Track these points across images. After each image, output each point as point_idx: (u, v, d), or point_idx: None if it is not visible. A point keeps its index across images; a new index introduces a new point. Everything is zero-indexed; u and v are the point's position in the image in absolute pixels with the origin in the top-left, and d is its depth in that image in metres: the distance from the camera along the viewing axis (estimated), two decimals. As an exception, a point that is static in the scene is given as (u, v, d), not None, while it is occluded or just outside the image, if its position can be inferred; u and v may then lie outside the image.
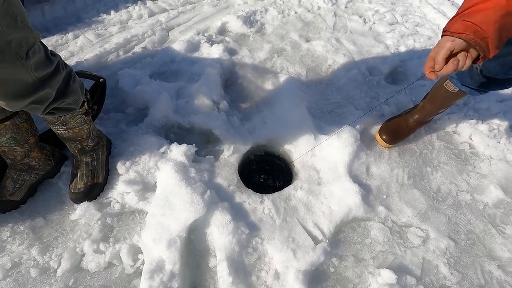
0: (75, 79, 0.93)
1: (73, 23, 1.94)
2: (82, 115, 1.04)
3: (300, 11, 2.28)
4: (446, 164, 1.44)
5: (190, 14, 2.15)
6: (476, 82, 1.09)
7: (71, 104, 0.93)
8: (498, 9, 0.69)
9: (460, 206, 1.30)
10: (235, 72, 1.73)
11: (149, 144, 1.27)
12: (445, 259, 1.14)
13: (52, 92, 0.82)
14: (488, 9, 0.71)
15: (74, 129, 1.05)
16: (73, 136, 1.07)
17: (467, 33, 0.72)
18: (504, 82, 1.05)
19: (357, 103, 1.65)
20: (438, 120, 1.58)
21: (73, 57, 1.70)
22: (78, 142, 1.10)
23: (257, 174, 1.41)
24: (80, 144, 1.11)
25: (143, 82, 1.51)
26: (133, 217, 1.14)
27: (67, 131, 1.04)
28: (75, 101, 0.93)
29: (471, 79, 1.09)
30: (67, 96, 0.89)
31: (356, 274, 1.09)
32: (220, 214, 1.09)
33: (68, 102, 0.91)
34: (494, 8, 0.70)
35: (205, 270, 1.05)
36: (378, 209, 1.24)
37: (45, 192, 1.16)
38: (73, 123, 1.02)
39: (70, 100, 0.91)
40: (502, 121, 1.59)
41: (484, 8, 0.71)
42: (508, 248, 1.19)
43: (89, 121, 1.10)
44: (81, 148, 1.13)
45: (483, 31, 0.71)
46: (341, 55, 1.90)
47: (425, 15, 2.42)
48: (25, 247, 1.03)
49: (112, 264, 1.03)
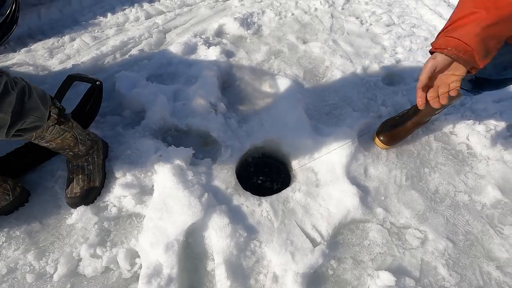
0: (31, 94, 0.82)
1: (69, 25, 1.94)
2: (55, 126, 0.96)
3: (297, 12, 2.28)
4: (444, 165, 1.44)
5: (187, 16, 2.15)
6: (470, 83, 1.09)
7: (34, 122, 0.84)
8: (479, 22, 0.71)
9: (458, 207, 1.30)
10: (232, 74, 1.73)
11: (146, 147, 1.27)
12: (443, 260, 1.14)
13: (6, 116, 0.73)
14: (469, 23, 0.72)
15: (55, 141, 0.99)
16: (59, 147, 1.02)
17: (448, 48, 0.75)
18: (498, 82, 1.06)
19: (355, 104, 1.65)
20: (436, 121, 1.59)
21: (70, 60, 1.70)
22: (67, 150, 1.06)
23: (255, 177, 1.40)
24: (71, 151, 1.08)
25: (140, 85, 1.50)
26: (130, 221, 1.13)
27: (48, 143, 0.98)
28: (38, 118, 0.84)
29: (464, 81, 1.10)
30: (26, 116, 0.79)
31: (354, 276, 1.08)
32: (218, 217, 1.08)
33: (31, 121, 0.82)
34: (475, 21, 0.71)
35: (203, 274, 1.05)
36: (376, 210, 1.23)
37: (41, 196, 1.15)
38: (49, 136, 0.95)
39: (32, 119, 0.82)
40: (499, 122, 1.59)
41: (465, 23, 0.73)
42: (506, 248, 1.19)
43: (70, 127, 1.03)
44: (74, 155, 1.10)
45: (466, 45, 0.73)
46: (338, 57, 1.90)
47: (422, 16, 2.43)
48: (21, 252, 1.02)
49: (109, 269, 1.02)
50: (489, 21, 0.71)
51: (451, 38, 0.75)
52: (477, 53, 0.73)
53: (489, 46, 0.74)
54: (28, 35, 1.83)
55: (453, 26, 0.76)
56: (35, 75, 1.57)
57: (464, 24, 0.73)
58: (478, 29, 0.71)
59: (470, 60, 0.74)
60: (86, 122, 1.31)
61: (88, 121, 1.31)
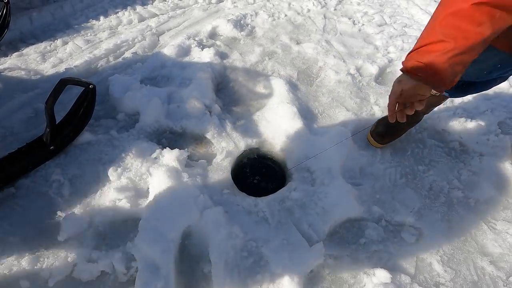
0: None
1: (61, 29, 1.93)
2: None
3: (290, 14, 2.30)
4: (437, 162, 1.46)
5: (180, 19, 2.15)
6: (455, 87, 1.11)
7: None
8: (447, 51, 0.74)
9: (452, 203, 1.32)
10: (226, 76, 1.73)
11: (140, 150, 1.26)
12: (438, 256, 1.15)
13: None
14: (438, 51, 0.75)
15: None
16: None
17: (419, 74, 0.79)
18: (484, 84, 1.09)
19: (348, 104, 1.66)
20: (428, 119, 1.60)
21: (62, 64, 1.69)
22: None
23: (250, 177, 1.40)
24: None
25: (133, 88, 1.50)
26: (126, 224, 1.13)
27: None
28: None
29: None
30: None
31: (351, 275, 1.09)
32: (214, 219, 1.08)
33: None
34: (444, 51, 0.74)
35: (200, 276, 1.04)
36: (371, 209, 1.24)
37: (35, 201, 1.14)
38: None
39: None
40: (490, 119, 1.62)
41: (434, 50, 0.76)
42: (499, 243, 1.21)
43: None
44: None
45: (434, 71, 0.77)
46: (331, 57, 1.92)
47: (413, 16, 2.46)
48: (15, 258, 1.01)
49: (105, 273, 1.01)
50: (457, 50, 0.74)
51: (421, 63, 0.78)
52: (444, 79, 0.77)
53: (456, 70, 0.77)
54: (19, 39, 1.82)
55: (423, 50, 0.79)
56: (27, 79, 1.55)
57: (432, 50, 0.77)
58: (446, 58, 0.74)
59: (438, 84, 0.79)
60: (80, 126, 1.30)
61: (81, 125, 1.31)
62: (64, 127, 1.25)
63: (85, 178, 1.21)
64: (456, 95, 1.17)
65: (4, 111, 1.39)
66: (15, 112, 1.40)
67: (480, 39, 0.71)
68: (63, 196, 1.15)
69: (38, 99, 1.46)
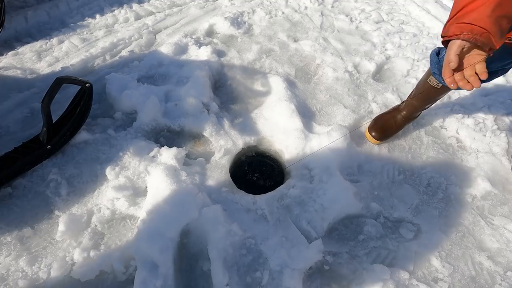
0: None
1: (57, 28, 1.91)
2: None
3: (287, 11, 2.29)
4: (435, 159, 1.46)
5: (177, 17, 2.13)
6: None
7: None
8: (488, 4, 0.72)
9: (450, 199, 1.33)
10: (224, 74, 1.73)
11: (138, 149, 1.26)
12: (436, 252, 1.16)
13: None
14: (479, 7, 0.73)
15: None
16: None
17: (464, 33, 0.75)
18: None
19: (346, 101, 1.66)
20: (426, 116, 1.61)
21: (59, 63, 1.67)
22: None
23: (249, 175, 1.40)
24: None
25: (131, 86, 1.49)
26: (124, 223, 1.12)
27: None
28: None
29: None
30: None
31: (350, 271, 1.09)
32: (212, 217, 1.08)
33: None
34: (483, 5, 0.72)
35: (199, 274, 1.04)
36: (370, 205, 1.25)
37: (32, 201, 1.13)
38: None
39: None
40: (487, 115, 1.63)
41: (474, 7, 0.74)
42: (497, 238, 1.22)
43: None
44: None
45: (480, 28, 0.73)
46: (329, 54, 1.91)
47: (410, 13, 2.46)
48: (13, 258, 1.00)
49: (103, 272, 1.01)
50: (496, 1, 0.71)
51: (464, 24, 0.75)
52: (493, 34, 0.73)
53: (502, 25, 0.74)
54: (15, 38, 1.80)
55: (462, 12, 0.76)
56: (23, 78, 1.54)
57: (473, 9, 0.74)
58: (489, 11, 0.72)
59: (488, 41, 0.74)
60: (77, 125, 1.29)
61: (78, 124, 1.30)
62: (61, 126, 1.24)
63: (83, 178, 1.20)
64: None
65: (0, 110, 1.38)
66: (11, 111, 1.39)
67: None
68: (61, 196, 1.14)
69: (34, 98, 1.44)
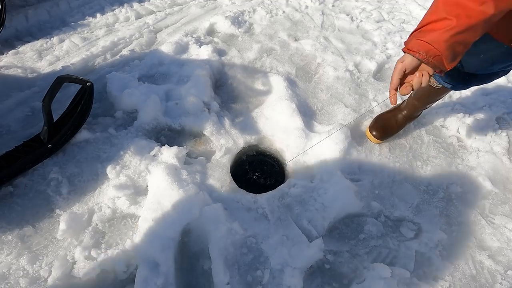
0: None
1: (58, 27, 1.91)
2: None
3: (288, 10, 2.29)
4: (436, 158, 1.46)
5: (177, 16, 2.13)
6: (458, 79, 1.11)
7: None
8: (449, 29, 0.74)
9: (451, 198, 1.33)
10: (224, 73, 1.73)
11: (139, 148, 1.26)
12: (437, 251, 1.16)
13: None
14: (440, 29, 0.75)
15: None
16: None
17: (420, 52, 0.78)
18: (486, 77, 1.08)
19: (346, 100, 1.66)
20: (426, 115, 1.61)
21: (59, 62, 1.67)
22: None
23: (249, 174, 1.40)
24: None
25: (131, 85, 1.49)
26: (125, 222, 1.12)
27: None
28: None
29: (452, 76, 1.12)
30: None
31: (351, 270, 1.09)
32: (213, 216, 1.08)
33: None
34: (446, 28, 0.74)
35: (200, 273, 1.04)
36: (371, 204, 1.25)
37: (33, 200, 1.14)
38: None
39: None
40: (488, 114, 1.62)
41: (436, 28, 0.76)
42: (498, 237, 1.22)
43: None
44: None
45: (436, 50, 0.76)
46: (330, 53, 1.91)
47: (411, 12, 2.46)
48: (14, 257, 1.00)
49: (104, 271, 1.01)
50: (458, 28, 0.73)
51: (423, 42, 0.77)
52: (445, 58, 0.77)
53: (457, 51, 0.77)
54: (15, 37, 1.80)
55: (425, 29, 0.79)
56: (24, 77, 1.54)
57: (435, 29, 0.76)
58: (448, 35, 0.74)
59: (439, 64, 0.78)
60: (77, 124, 1.29)
61: (79, 123, 1.30)
62: (61, 125, 1.24)
63: (84, 176, 1.20)
64: (458, 87, 1.17)
65: (1, 109, 1.38)
66: (11, 110, 1.39)
67: (483, 18, 0.71)
68: (62, 194, 1.15)
69: (35, 97, 1.45)
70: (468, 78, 1.09)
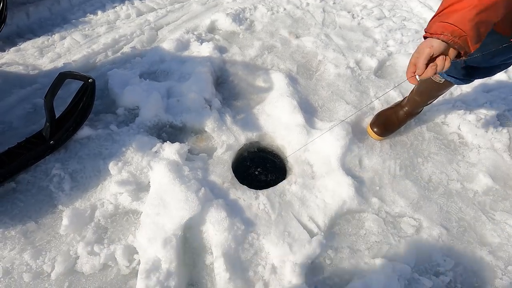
0: None
1: (59, 24, 1.91)
2: None
3: (289, 7, 2.29)
4: (437, 155, 1.46)
5: (178, 13, 2.13)
6: (461, 72, 1.11)
7: None
8: (472, 8, 0.74)
9: (451, 194, 1.33)
10: (226, 70, 1.73)
11: (141, 144, 1.26)
12: (438, 247, 1.16)
13: None
14: (463, 9, 0.75)
15: None
16: None
17: (445, 33, 0.77)
18: (487, 70, 1.08)
19: (347, 97, 1.66)
20: (428, 112, 1.61)
21: (60, 59, 1.67)
22: None
23: (251, 170, 1.41)
24: None
25: (133, 82, 1.49)
26: (127, 217, 1.13)
27: None
28: None
29: (456, 69, 1.12)
30: None
31: (351, 265, 1.10)
32: (215, 211, 1.09)
33: None
34: (468, 7, 0.74)
35: (202, 268, 1.05)
36: (371, 200, 1.25)
37: (35, 196, 1.14)
38: None
39: None
40: (488, 111, 1.62)
41: (459, 8, 0.76)
42: (498, 233, 1.22)
43: None
44: None
45: (461, 30, 0.75)
46: (331, 51, 1.91)
47: (412, 9, 2.45)
48: (17, 252, 1.01)
49: (107, 266, 1.02)
50: (481, 6, 0.73)
51: (446, 23, 0.77)
52: (470, 39, 0.76)
53: (481, 31, 0.76)
54: (17, 34, 1.80)
55: (447, 11, 0.78)
56: (26, 74, 1.54)
57: (457, 9, 0.76)
58: (472, 14, 0.74)
59: (464, 45, 0.77)
60: (79, 120, 1.30)
61: (81, 120, 1.30)
62: (63, 122, 1.25)
63: (86, 173, 1.21)
64: (461, 81, 1.17)
65: (3, 106, 1.39)
66: (13, 107, 1.39)
67: None
68: (64, 191, 1.15)
69: (37, 94, 1.45)
70: (471, 71, 1.09)
